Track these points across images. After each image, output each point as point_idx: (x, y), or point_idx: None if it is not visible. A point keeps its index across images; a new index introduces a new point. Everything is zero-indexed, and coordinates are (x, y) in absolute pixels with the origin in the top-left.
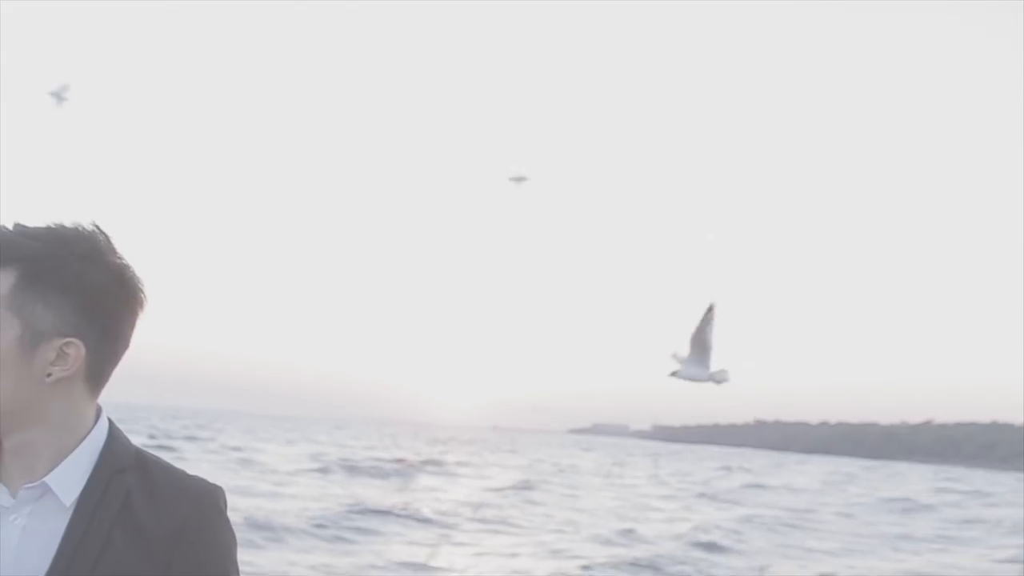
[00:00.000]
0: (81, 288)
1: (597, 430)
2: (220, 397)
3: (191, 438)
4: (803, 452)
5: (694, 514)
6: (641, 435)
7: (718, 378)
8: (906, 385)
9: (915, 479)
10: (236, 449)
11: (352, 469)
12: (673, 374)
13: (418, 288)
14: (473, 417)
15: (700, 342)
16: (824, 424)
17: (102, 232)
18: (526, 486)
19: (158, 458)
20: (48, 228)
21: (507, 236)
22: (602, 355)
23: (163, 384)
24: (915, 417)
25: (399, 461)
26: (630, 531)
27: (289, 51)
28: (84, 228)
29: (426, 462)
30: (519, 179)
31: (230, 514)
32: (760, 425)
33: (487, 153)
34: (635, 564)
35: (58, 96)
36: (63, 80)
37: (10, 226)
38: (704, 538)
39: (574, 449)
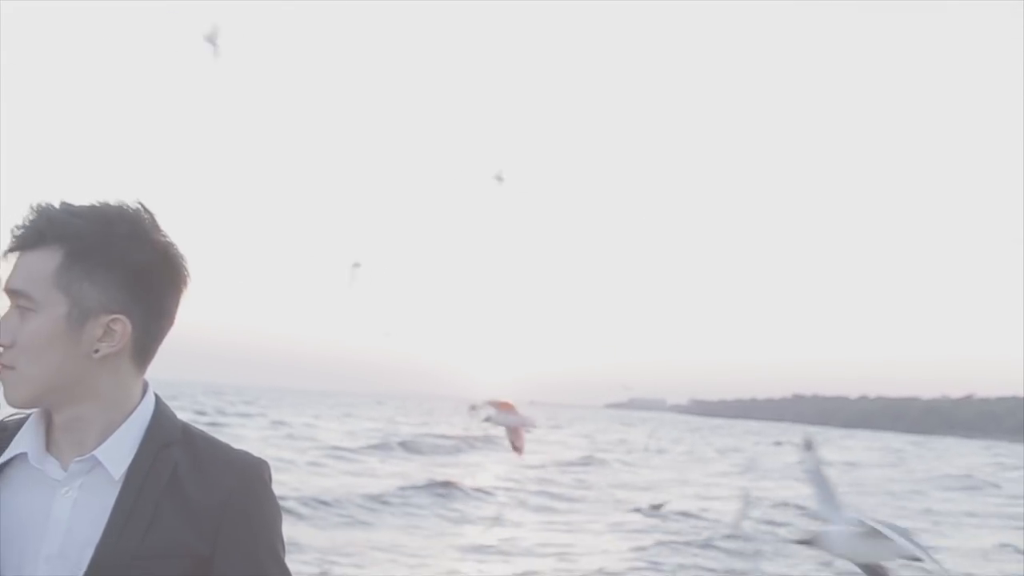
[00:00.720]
0: (126, 265)
1: (634, 404)
2: (258, 373)
3: (243, 415)
4: (842, 427)
5: (760, 490)
6: (678, 410)
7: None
8: (947, 359)
9: (967, 455)
10: (286, 424)
11: (409, 445)
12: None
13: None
14: (510, 391)
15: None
16: (863, 398)
17: (146, 210)
18: (587, 461)
19: (203, 432)
20: (93, 207)
21: (543, 208)
22: (640, 329)
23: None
24: (956, 391)
25: (455, 437)
26: (703, 509)
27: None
28: (129, 206)
29: (480, 438)
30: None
31: (287, 491)
32: (798, 399)
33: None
34: (708, 544)
35: (211, 42)
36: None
37: (56, 205)
38: (778, 516)
39: (616, 424)
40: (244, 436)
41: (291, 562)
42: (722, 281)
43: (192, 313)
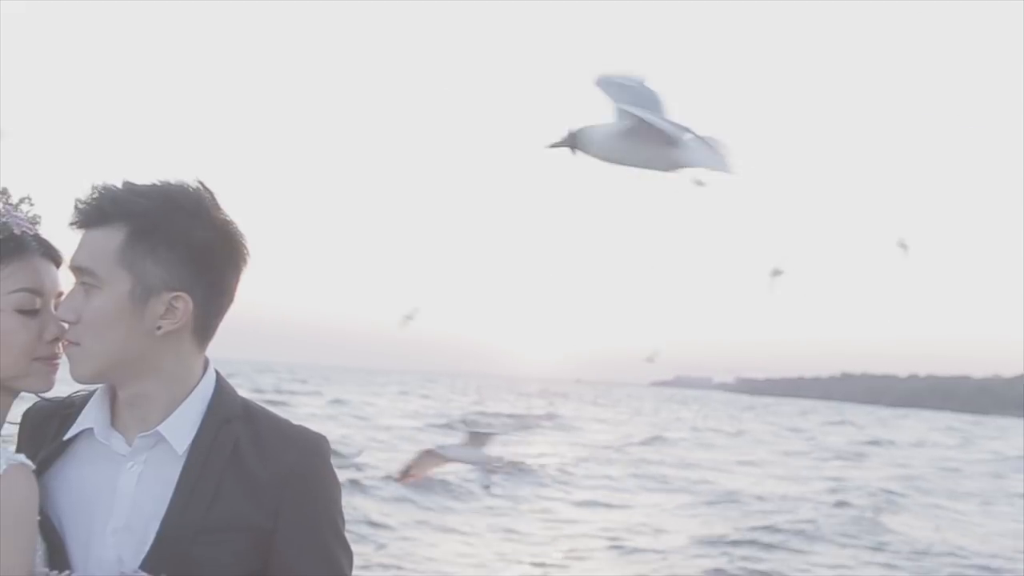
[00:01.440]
0: (188, 243)
1: (680, 382)
2: (305, 351)
3: (301, 393)
4: (891, 406)
5: (839, 472)
6: (725, 388)
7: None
8: (999, 337)
9: None
10: (345, 403)
11: (474, 424)
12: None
13: (498, 242)
14: (554, 370)
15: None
16: (913, 377)
17: (207, 189)
18: (651, 441)
19: (263, 408)
20: (155, 185)
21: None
22: (684, 306)
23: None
24: (1008, 370)
25: (514, 416)
26: (782, 495)
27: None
28: (189, 185)
29: (542, 416)
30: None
31: (367, 471)
32: (846, 378)
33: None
34: (799, 531)
35: None
36: None
37: (119, 184)
38: (861, 501)
39: (668, 402)
40: (312, 415)
41: (367, 543)
42: (769, 258)
43: (248, 292)
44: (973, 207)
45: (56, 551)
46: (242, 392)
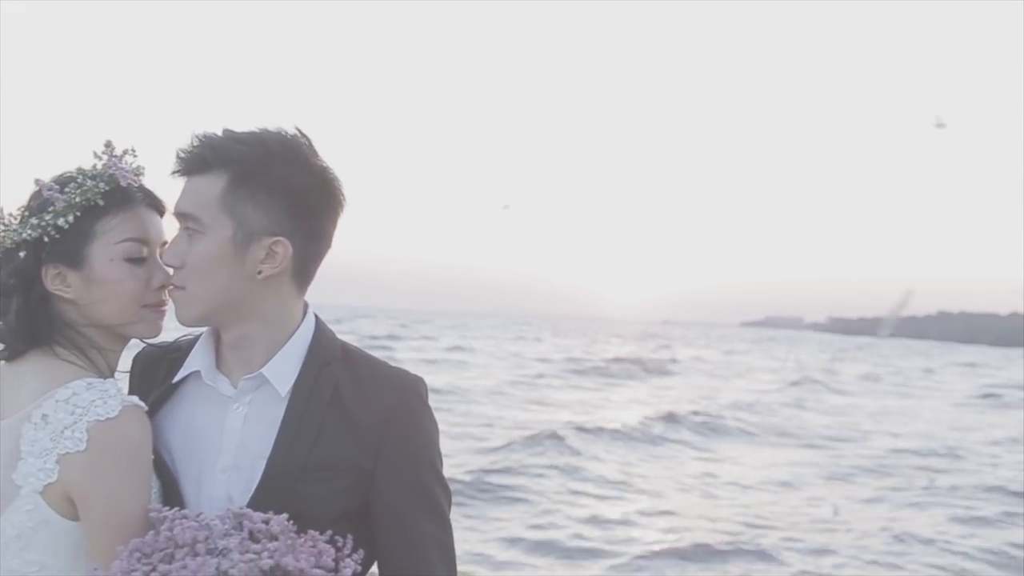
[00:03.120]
0: (286, 189)
1: (770, 323)
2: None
3: (395, 336)
4: (991, 345)
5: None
6: (817, 328)
7: None
8: None
9: None
10: (464, 348)
11: (603, 370)
12: None
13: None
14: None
15: None
16: (1015, 315)
17: (304, 136)
18: (799, 384)
19: (362, 351)
20: (254, 133)
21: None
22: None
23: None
24: None
25: (636, 361)
26: (953, 450)
27: None
28: (287, 132)
29: (666, 361)
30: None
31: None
32: (944, 316)
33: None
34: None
35: None
36: None
37: (219, 132)
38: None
39: (768, 344)
40: (467, 362)
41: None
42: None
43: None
44: None
45: (169, 490)
46: (361, 340)
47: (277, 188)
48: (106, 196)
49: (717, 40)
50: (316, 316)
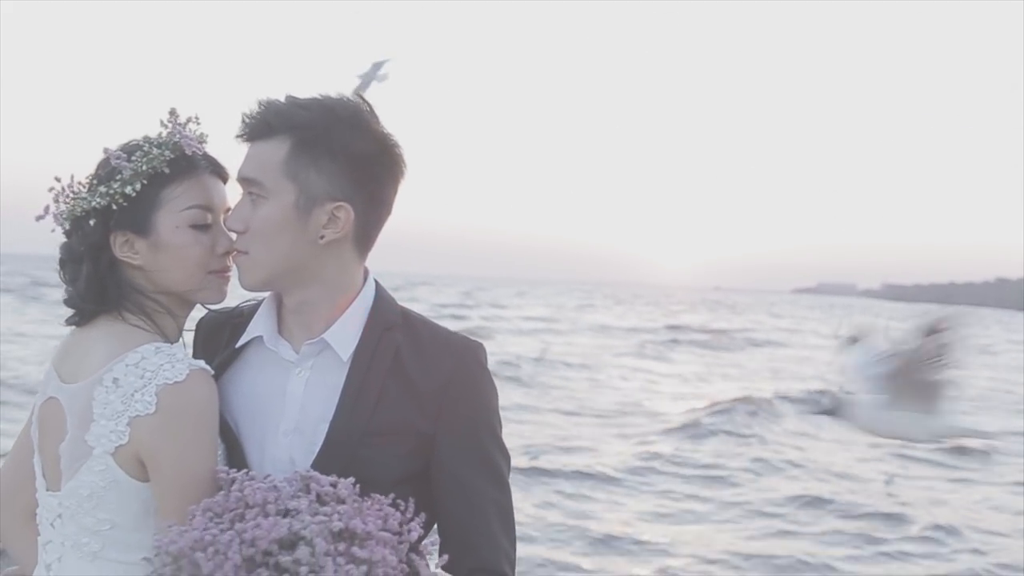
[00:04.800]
0: (348, 155)
1: (822, 289)
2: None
3: (464, 305)
4: None
5: None
6: (870, 295)
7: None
8: None
9: None
10: (544, 318)
11: (699, 342)
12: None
13: (633, 150)
14: (692, 277)
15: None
16: None
17: (366, 102)
18: None
19: (422, 316)
20: (316, 99)
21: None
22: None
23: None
24: None
25: (718, 331)
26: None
27: None
28: (349, 98)
29: (745, 328)
30: None
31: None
32: (1001, 283)
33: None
34: None
35: None
36: None
37: (282, 98)
38: None
39: (830, 311)
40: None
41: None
42: (918, 158)
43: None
44: None
45: (233, 452)
46: (433, 309)
47: (339, 154)
48: (171, 164)
49: (779, 8)
50: (376, 282)
